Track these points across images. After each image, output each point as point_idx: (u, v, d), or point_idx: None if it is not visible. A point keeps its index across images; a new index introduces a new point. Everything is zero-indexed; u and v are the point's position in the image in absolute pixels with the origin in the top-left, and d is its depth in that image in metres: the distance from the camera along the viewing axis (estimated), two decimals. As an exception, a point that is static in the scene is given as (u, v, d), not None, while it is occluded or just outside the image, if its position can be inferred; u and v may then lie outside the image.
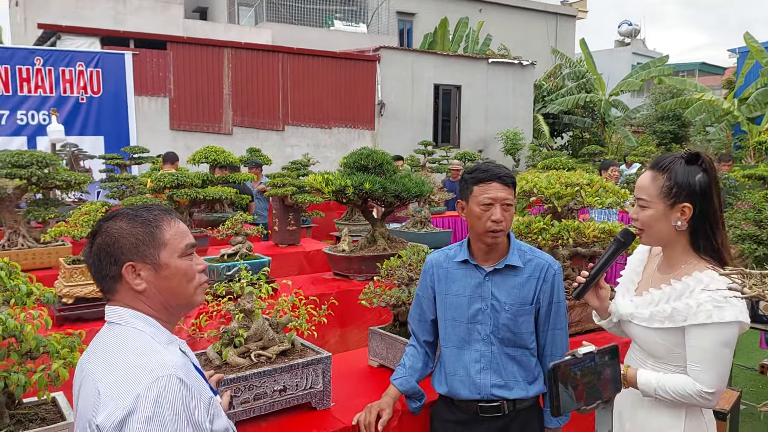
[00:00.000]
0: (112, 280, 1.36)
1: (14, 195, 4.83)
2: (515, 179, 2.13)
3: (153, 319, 1.38)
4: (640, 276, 2.00)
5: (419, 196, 4.68)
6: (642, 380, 1.83)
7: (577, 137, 20.55)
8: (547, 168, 6.37)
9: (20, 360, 1.70)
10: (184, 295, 1.42)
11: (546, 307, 2.14)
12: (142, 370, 1.23)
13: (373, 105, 14.95)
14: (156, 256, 1.36)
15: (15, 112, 10.90)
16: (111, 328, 1.36)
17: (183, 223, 1.45)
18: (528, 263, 2.13)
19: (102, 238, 1.36)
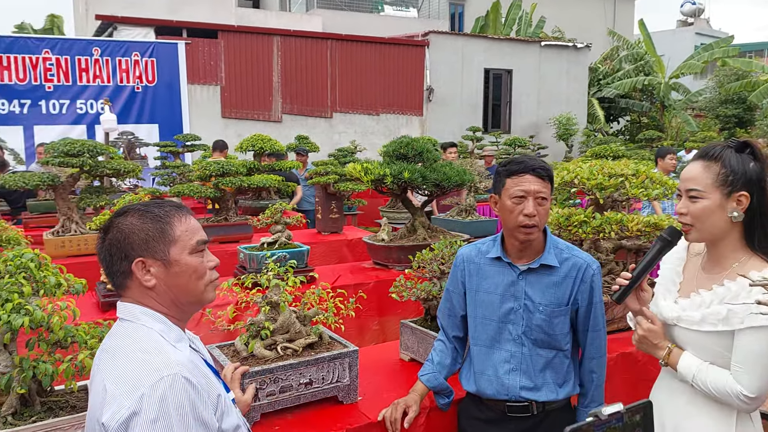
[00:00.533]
0: (122, 276, 1.36)
1: (67, 183, 5.01)
2: (552, 172, 2.02)
3: (162, 316, 1.37)
4: (681, 276, 1.87)
5: (460, 185, 4.60)
6: (683, 363, 1.75)
7: (635, 122, 19.83)
8: (596, 156, 6.15)
9: (49, 349, 1.75)
10: (194, 292, 1.40)
11: (585, 308, 2.04)
12: (148, 369, 1.23)
13: (421, 91, 14.81)
14: (166, 253, 1.36)
15: (75, 102, 11.32)
16: (121, 325, 1.37)
17: (195, 219, 1.44)
18: (565, 262, 2.03)
19: (113, 234, 1.36)
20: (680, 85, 19.42)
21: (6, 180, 4.81)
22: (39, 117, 11.09)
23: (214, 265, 1.45)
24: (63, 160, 4.84)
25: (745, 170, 1.67)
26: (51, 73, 11.10)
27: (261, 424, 2.02)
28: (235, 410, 1.47)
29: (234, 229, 5.40)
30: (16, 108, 10.92)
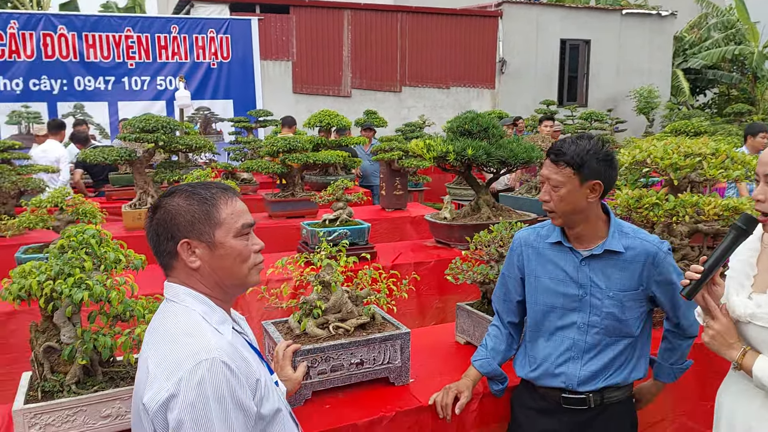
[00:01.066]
0: (168, 256, 1.38)
1: (144, 158, 5.22)
2: (578, 158, 1.85)
3: (206, 297, 1.39)
4: (756, 269, 1.71)
5: (528, 163, 4.45)
6: (760, 366, 1.59)
7: (723, 95, 18.57)
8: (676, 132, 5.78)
9: (109, 323, 1.82)
10: (238, 276, 1.41)
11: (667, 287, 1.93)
12: (187, 353, 1.24)
13: (493, 63, 14.42)
14: (211, 235, 1.36)
15: (155, 78, 11.77)
16: (167, 306, 1.39)
17: (241, 202, 1.44)
18: (631, 248, 1.92)
19: (160, 214, 1.38)
20: (776, 55, 17.96)
21: (87, 154, 5.07)
22: (122, 93, 11.62)
23: (259, 248, 1.46)
24: (139, 136, 5.04)
25: None
26: (133, 51, 11.57)
27: (312, 402, 2.04)
28: (278, 394, 1.47)
29: (300, 205, 5.47)
30: (101, 84, 11.48)
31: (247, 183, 7.13)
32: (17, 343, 3.03)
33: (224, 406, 1.22)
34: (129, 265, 1.89)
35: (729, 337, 1.65)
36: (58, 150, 7.20)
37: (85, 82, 11.35)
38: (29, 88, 10.96)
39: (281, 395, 1.52)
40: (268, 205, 5.45)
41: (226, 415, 1.22)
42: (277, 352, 1.96)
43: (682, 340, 2.05)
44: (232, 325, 1.43)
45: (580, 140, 1.89)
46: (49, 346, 1.83)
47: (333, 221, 4.09)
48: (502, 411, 2.20)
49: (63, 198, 3.57)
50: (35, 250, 3.64)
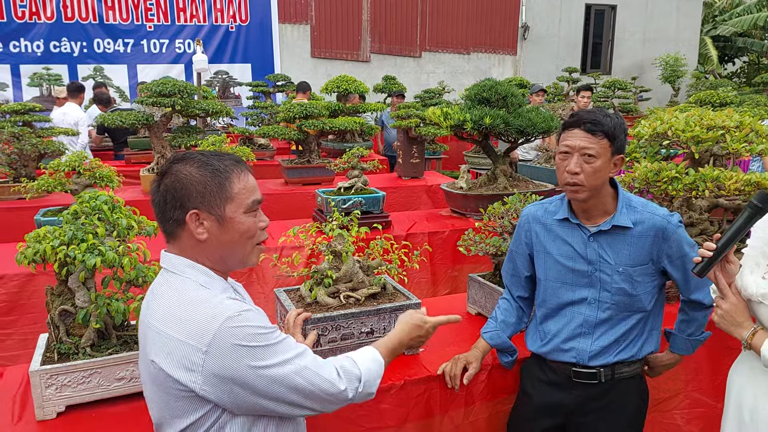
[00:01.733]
0: (174, 224, 1.36)
1: (161, 122, 5.22)
2: (612, 129, 1.81)
3: (207, 269, 1.38)
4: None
5: (547, 132, 4.37)
6: None
7: (753, 63, 18.01)
8: (700, 103, 5.62)
9: (123, 288, 1.84)
10: (242, 253, 1.41)
11: (679, 260, 1.89)
12: (209, 316, 1.26)
13: (516, 28, 14.11)
14: (222, 208, 1.35)
15: (174, 41, 11.72)
16: (168, 278, 1.38)
17: (252, 177, 1.43)
18: (640, 223, 1.88)
19: (170, 180, 1.35)
20: (812, 21, 17.33)
21: (105, 118, 5.08)
22: (141, 56, 11.61)
23: (265, 225, 1.44)
24: (156, 100, 5.03)
25: None
26: (151, 13, 11.51)
27: (322, 370, 2.06)
28: None
29: (316, 171, 5.46)
30: (120, 47, 11.47)
31: (263, 149, 7.13)
32: (38, 303, 3.11)
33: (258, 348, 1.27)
34: (141, 231, 1.91)
35: (738, 317, 1.62)
36: (78, 113, 7.24)
37: (104, 44, 11.35)
38: (50, 50, 11.00)
39: None
40: (284, 171, 5.45)
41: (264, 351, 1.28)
42: (288, 319, 1.98)
43: (698, 312, 2.01)
44: (232, 293, 1.43)
45: (607, 113, 1.85)
46: (64, 309, 1.87)
47: (348, 189, 4.08)
48: (511, 383, 2.20)
49: (80, 162, 3.59)
50: (54, 213, 3.69)
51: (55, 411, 1.79)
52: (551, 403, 2.02)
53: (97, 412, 1.82)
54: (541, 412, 2.03)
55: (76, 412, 1.81)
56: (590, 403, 1.97)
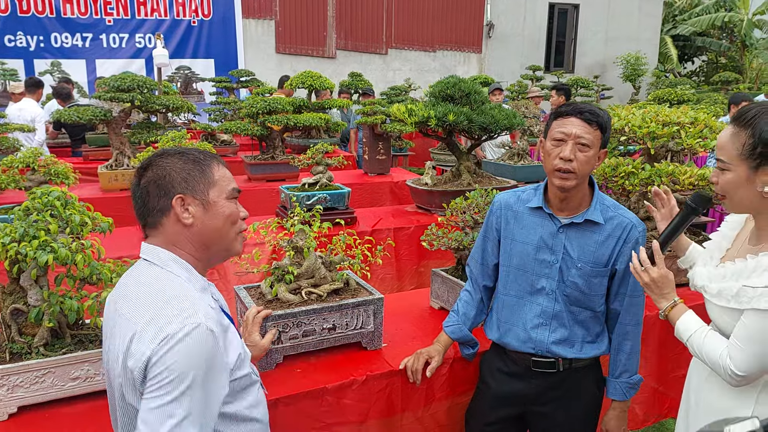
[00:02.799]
0: (159, 213, 1.36)
1: (120, 118, 5.11)
2: (604, 121, 1.86)
3: (188, 264, 1.39)
4: (731, 242, 1.72)
5: (509, 129, 4.42)
6: (684, 321, 1.65)
7: (711, 62, 18.54)
8: (659, 100, 5.76)
9: (76, 286, 1.80)
10: (226, 239, 1.43)
11: (623, 270, 1.93)
12: (176, 315, 1.24)
13: (480, 26, 14.23)
14: (206, 192, 1.38)
15: (134, 36, 11.48)
16: (148, 268, 1.37)
17: (227, 169, 1.47)
18: (609, 221, 1.91)
19: (153, 172, 1.36)
20: (765, 23, 17.91)
21: (61, 114, 4.95)
22: (100, 50, 11.33)
23: (245, 216, 1.47)
24: (114, 95, 4.92)
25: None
26: (111, 7, 11.24)
27: (283, 366, 2.05)
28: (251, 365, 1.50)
29: (280, 168, 5.42)
30: (78, 41, 11.18)
31: (226, 145, 7.04)
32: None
33: (203, 371, 1.23)
34: (96, 228, 1.86)
35: (665, 288, 1.69)
36: (35, 109, 7.03)
37: (62, 38, 11.05)
38: (4, 44, 10.66)
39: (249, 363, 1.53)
40: (247, 168, 5.39)
41: (204, 379, 1.23)
42: (247, 317, 1.95)
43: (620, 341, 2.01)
44: (210, 293, 1.43)
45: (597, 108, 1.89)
46: (16, 308, 1.81)
47: (312, 185, 4.05)
48: (472, 376, 2.22)
49: (35, 158, 3.49)
50: (6, 211, 3.57)
51: (6, 412, 1.74)
52: (510, 392, 2.04)
53: (50, 412, 1.77)
54: (500, 402, 2.06)
55: (29, 413, 1.76)
56: (549, 392, 2.01)
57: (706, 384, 1.70)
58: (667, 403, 2.85)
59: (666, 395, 2.83)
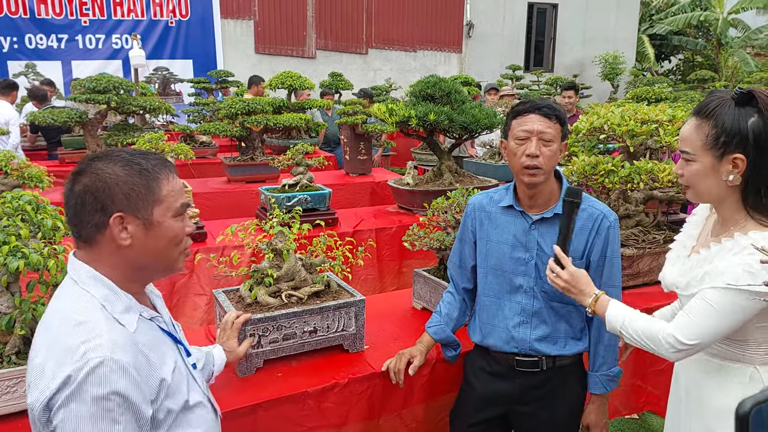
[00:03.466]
0: (94, 229, 1.21)
1: (95, 119, 5.03)
2: (562, 115, 1.90)
3: (111, 282, 1.24)
4: (695, 239, 1.74)
5: (490, 128, 4.43)
6: (612, 311, 1.65)
7: (687, 61, 18.80)
8: (638, 98, 5.81)
9: (49, 292, 1.75)
10: (168, 259, 1.30)
11: (596, 261, 1.93)
12: (77, 347, 1.11)
13: (460, 26, 14.26)
14: (149, 212, 1.23)
15: (110, 36, 11.30)
16: (68, 287, 1.24)
17: (179, 179, 1.32)
18: (580, 213, 1.92)
19: (90, 180, 1.20)
20: (740, 21, 18.19)
21: (36, 116, 4.86)
22: (76, 52, 11.15)
23: (191, 231, 1.34)
24: (90, 97, 4.84)
25: (739, 128, 1.47)
26: (86, 7, 11.07)
27: (264, 370, 2.02)
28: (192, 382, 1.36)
29: (260, 169, 5.37)
30: (53, 43, 10.99)
31: (205, 146, 6.96)
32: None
33: (111, 411, 1.10)
34: (68, 232, 1.81)
35: (581, 285, 1.71)
36: (9, 111, 6.88)
37: (36, 39, 10.85)
38: (-24, 45, 10.45)
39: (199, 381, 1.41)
40: (227, 169, 5.33)
41: (114, 419, 1.10)
42: (225, 321, 1.92)
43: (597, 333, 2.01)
44: (139, 312, 1.28)
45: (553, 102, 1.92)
46: (-15, 316, 1.76)
47: (293, 186, 4.02)
48: (454, 377, 2.21)
49: (8, 161, 3.41)
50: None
51: (-24, 424, 1.69)
52: (494, 393, 2.03)
53: (23, 422, 1.72)
54: (484, 403, 2.05)
55: (1, 424, 1.71)
56: (532, 391, 2.00)
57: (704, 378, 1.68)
58: (644, 396, 2.87)
59: (643, 389, 2.84)
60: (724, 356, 1.60)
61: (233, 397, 1.86)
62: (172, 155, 3.56)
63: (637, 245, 2.86)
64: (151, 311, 1.33)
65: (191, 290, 3.39)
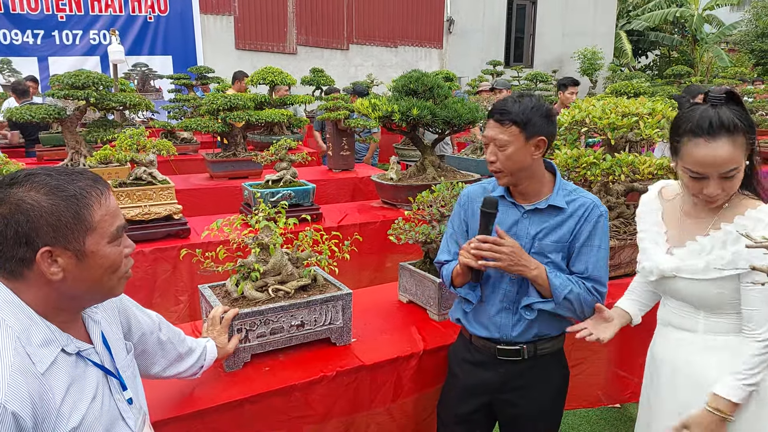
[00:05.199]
0: (20, 264, 1.09)
1: (74, 116, 4.96)
2: (520, 116, 1.85)
3: (34, 312, 1.13)
4: (664, 226, 1.80)
5: (472, 123, 4.45)
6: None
7: (664, 56, 19.06)
8: (616, 93, 5.89)
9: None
10: (105, 287, 1.19)
11: (578, 248, 1.92)
12: None
13: (441, 21, 14.30)
14: (80, 242, 1.11)
15: (88, 32, 11.15)
16: None
17: (113, 198, 1.19)
18: (572, 203, 1.95)
19: (9, 211, 1.07)
20: (714, 18, 18.50)
21: (12, 113, 4.77)
22: (53, 47, 10.98)
23: (130, 251, 1.24)
24: (68, 93, 4.77)
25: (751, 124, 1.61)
26: (63, 3, 10.91)
27: (252, 365, 2.02)
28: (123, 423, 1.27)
29: (242, 165, 5.34)
30: (29, 38, 10.81)
31: (187, 142, 6.91)
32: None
33: None
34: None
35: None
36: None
37: (11, 35, 10.66)
38: (-51, 41, 10.25)
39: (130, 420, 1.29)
40: (208, 165, 5.29)
41: None
42: (213, 316, 1.92)
43: None
44: (62, 346, 1.16)
45: (521, 98, 1.89)
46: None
47: (276, 182, 4.00)
48: (441, 368, 2.23)
49: (-15, 158, 3.35)
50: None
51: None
52: (477, 382, 2.05)
53: None
54: (468, 393, 2.06)
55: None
56: (515, 380, 2.02)
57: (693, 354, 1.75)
58: (630, 387, 2.91)
59: (629, 380, 2.88)
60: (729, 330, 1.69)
61: (221, 392, 1.86)
62: (153, 151, 3.52)
63: (618, 236, 2.90)
64: (78, 343, 1.20)
65: (172, 286, 3.37)
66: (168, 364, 1.67)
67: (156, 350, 1.61)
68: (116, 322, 1.41)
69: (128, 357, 1.38)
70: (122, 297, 1.46)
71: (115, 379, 1.28)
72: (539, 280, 1.86)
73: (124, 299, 1.48)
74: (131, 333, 1.50)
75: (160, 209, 3.48)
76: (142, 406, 1.38)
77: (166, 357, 1.65)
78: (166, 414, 1.72)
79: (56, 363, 1.13)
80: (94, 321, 1.30)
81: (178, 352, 1.68)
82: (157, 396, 1.77)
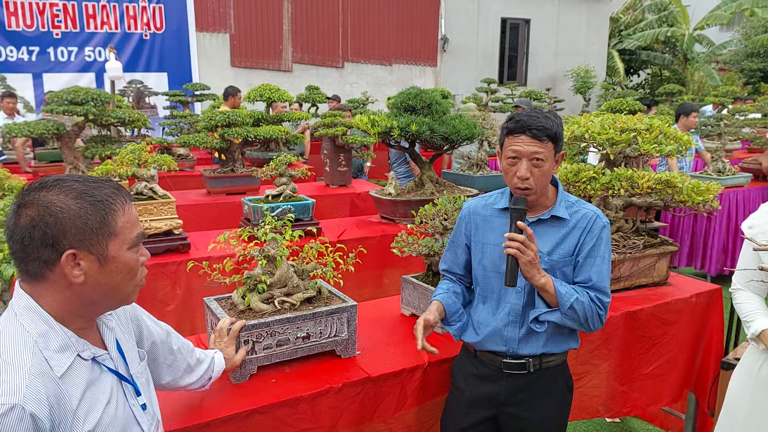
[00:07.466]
0: (43, 266, 1.12)
1: (73, 132, 4.96)
2: (554, 130, 1.87)
3: (52, 318, 1.16)
4: None
5: (470, 139, 4.49)
6: None
7: (655, 75, 19.30)
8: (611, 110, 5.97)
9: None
10: (123, 293, 1.23)
11: (583, 258, 1.95)
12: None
13: (435, 40, 14.46)
14: (104, 247, 1.15)
15: (83, 49, 11.20)
16: (7, 319, 1.16)
17: (134, 206, 1.25)
18: (574, 214, 1.97)
19: (38, 212, 1.11)
20: (704, 37, 18.79)
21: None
22: (48, 64, 11.02)
23: (146, 260, 1.28)
24: (67, 109, 4.78)
25: None
26: (58, 20, 10.96)
27: (258, 377, 2.02)
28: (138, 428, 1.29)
29: (241, 181, 5.36)
30: (24, 55, 10.84)
31: (183, 159, 6.92)
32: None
33: None
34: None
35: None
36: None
37: (6, 52, 10.70)
38: (-55, 57, 10.26)
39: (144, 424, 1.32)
40: (206, 182, 5.31)
41: None
42: (220, 328, 1.93)
43: None
44: (78, 352, 1.19)
45: (548, 114, 1.89)
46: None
47: (276, 197, 4.02)
48: (445, 380, 2.23)
49: (-14, 173, 3.35)
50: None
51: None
52: (482, 395, 2.05)
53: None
54: (473, 406, 2.07)
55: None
56: (520, 393, 2.03)
57: None
58: (631, 401, 2.92)
59: (629, 395, 2.90)
60: None
61: (229, 403, 1.86)
62: (155, 166, 3.54)
63: (618, 250, 2.93)
64: (94, 349, 1.23)
65: (176, 300, 3.37)
66: (178, 375, 1.67)
67: (166, 360, 1.62)
68: (129, 330, 1.42)
69: (142, 364, 1.40)
70: (134, 306, 1.48)
71: (129, 385, 1.30)
72: (547, 287, 1.87)
73: (136, 308, 1.49)
74: (143, 341, 1.51)
75: (160, 224, 3.48)
76: (155, 413, 1.39)
77: (175, 367, 1.65)
78: (174, 425, 1.72)
79: (73, 368, 1.17)
80: (109, 328, 1.32)
81: (188, 362, 1.69)
82: (165, 407, 1.76)
